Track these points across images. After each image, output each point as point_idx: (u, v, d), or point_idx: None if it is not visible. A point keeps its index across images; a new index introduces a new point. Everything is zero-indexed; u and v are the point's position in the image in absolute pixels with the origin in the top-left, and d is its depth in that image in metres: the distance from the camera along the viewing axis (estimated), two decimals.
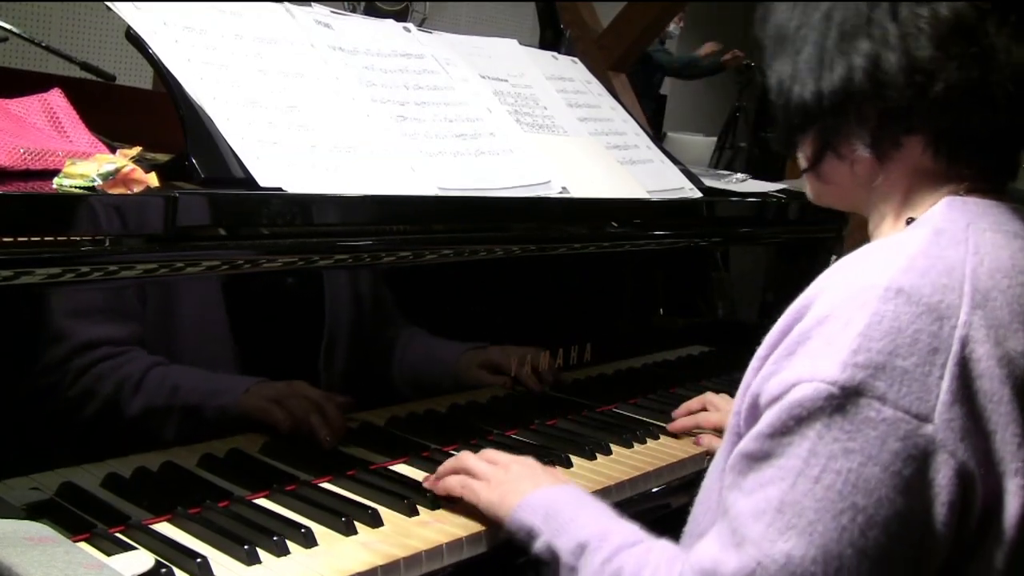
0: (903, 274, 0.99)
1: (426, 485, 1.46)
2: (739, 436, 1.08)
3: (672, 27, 7.82)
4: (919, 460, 0.95)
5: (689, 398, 2.07)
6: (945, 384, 0.96)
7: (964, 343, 0.98)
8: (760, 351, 1.09)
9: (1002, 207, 1.10)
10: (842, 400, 0.96)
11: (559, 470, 1.59)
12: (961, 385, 0.97)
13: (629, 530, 1.20)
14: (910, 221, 1.12)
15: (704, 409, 1.87)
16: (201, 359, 1.33)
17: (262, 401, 1.39)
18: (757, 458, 1.01)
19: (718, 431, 1.79)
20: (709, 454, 1.73)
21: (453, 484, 1.42)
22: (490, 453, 1.46)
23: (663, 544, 1.17)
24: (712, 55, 8.26)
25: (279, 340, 1.42)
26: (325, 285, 1.46)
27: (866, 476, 0.95)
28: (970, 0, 1.03)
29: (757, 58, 1.24)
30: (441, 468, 1.46)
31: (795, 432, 0.98)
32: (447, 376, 1.67)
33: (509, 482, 1.37)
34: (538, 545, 1.26)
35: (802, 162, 1.20)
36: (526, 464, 1.42)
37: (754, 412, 1.05)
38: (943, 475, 0.96)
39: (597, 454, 1.70)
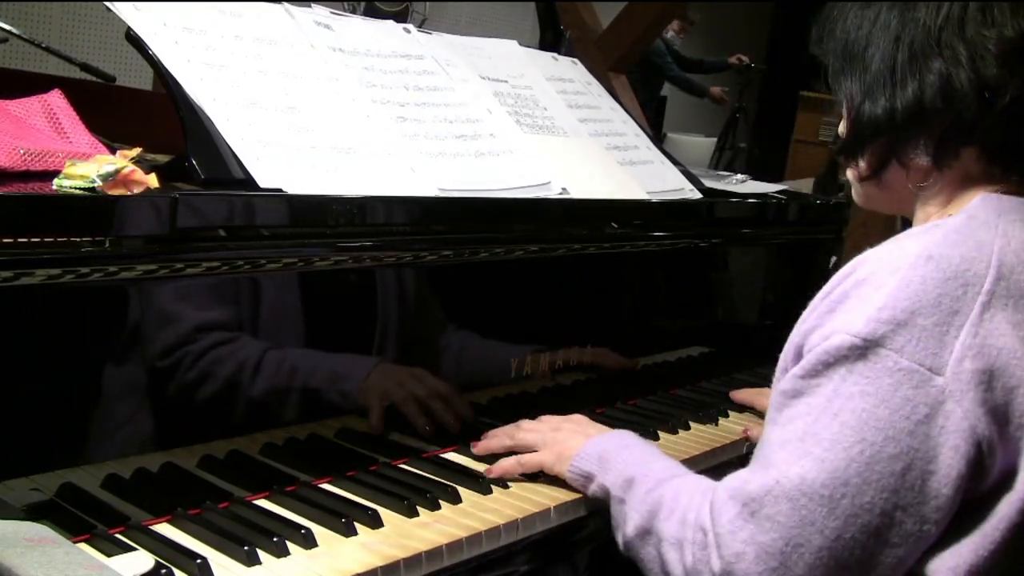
0: (936, 245, 1.13)
1: (489, 475, 1.53)
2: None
3: (671, 35, 7.83)
4: (929, 407, 1.08)
5: (689, 399, 2.08)
6: (959, 342, 1.09)
7: (985, 308, 1.11)
8: (806, 311, 1.22)
9: None
10: (863, 350, 1.10)
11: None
12: (974, 344, 1.09)
13: (670, 465, 1.37)
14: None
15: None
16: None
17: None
18: (790, 395, 1.17)
19: None
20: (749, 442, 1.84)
21: (511, 467, 1.53)
22: (532, 424, 1.59)
23: (698, 478, 1.33)
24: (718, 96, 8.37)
25: (284, 339, 1.42)
26: (328, 285, 1.46)
27: (878, 416, 1.09)
28: None
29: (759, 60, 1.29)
30: (494, 446, 1.58)
31: (823, 374, 1.13)
32: (447, 376, 1.67)
33: (562, 441, 1.51)
34: (593, 487, 1.42)
35: (863, 171, 1.30)
36: (574, 421, 1.58)
37: (797, 359, 1.19)
38: (952, 422, 1.08)
39: None
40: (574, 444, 1.48)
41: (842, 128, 1.32)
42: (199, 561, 1.17)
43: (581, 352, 1.88)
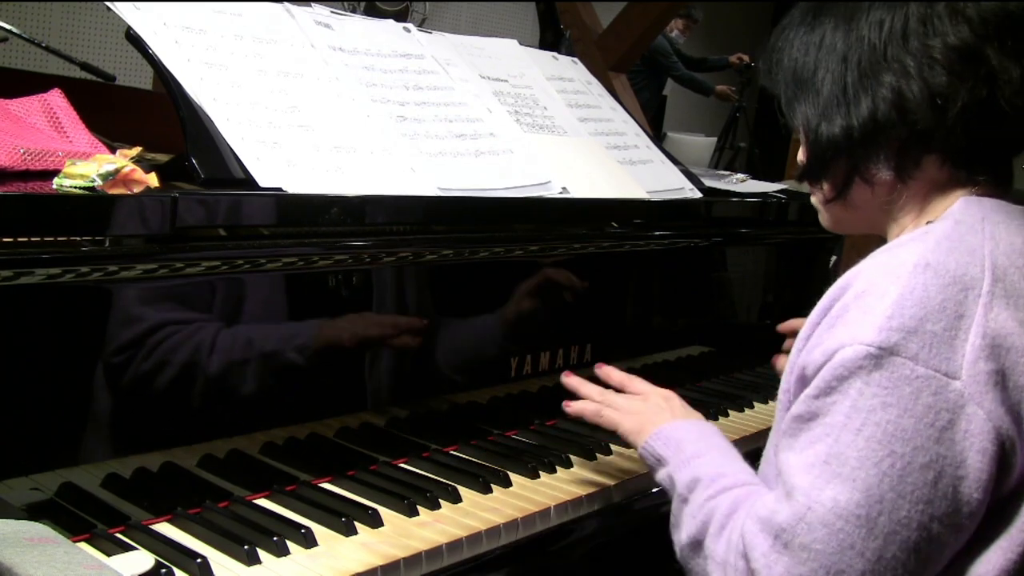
0: (931, 252, 1.13)
1: (568, 409, 1.56)
2: (788, 407, 1.20)
3: (675, 33, 7.83)
4: (951, 412, 1.07)
5: (689, 399, 2.07)
6: (969, 344, 1.09)
7: (987, 308, 1.11)
8: (803, 332, 1.20)
9: (1009, 205, 1.23)
10: (878, 359, 1.08)
11: (561, 471, 1.61)
12: (985, 344, 1.09)
13: (740, 473, 1.31)
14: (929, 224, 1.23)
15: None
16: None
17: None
18: (806, 419, 1.14)
19: None
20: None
21: (590, 410, 1.54)
22: (633, 382, 1.58)
23: (754, 491, 1.26)
24: (725, 93, 8.39)
25: (284, 338, 1.42)
26: (328, 285, 1.46)
27: (903, 426, 1.07)
28: (971, 27, 1.17)
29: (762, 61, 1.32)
30: (584, 389, 1.58)
31: (838, 391, 1.11)
32: (447, 375, 1.67)
33: (647, 412, 1.49)
34: (661, 473, 1.39)
35: (828, 193, 1.31)
36: (665, 396, 1.54)
37: (802, 384, 1.17)
38: (975, 425, 1.07)
39: (597, 454, 1.70)
40: (657, 420, 1.45)
41: (801, 155, 1.33)
42: (199, 560, 1.18)
43: (581, 351, 1.88)
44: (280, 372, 1.41)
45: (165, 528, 1.28)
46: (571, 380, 1.61)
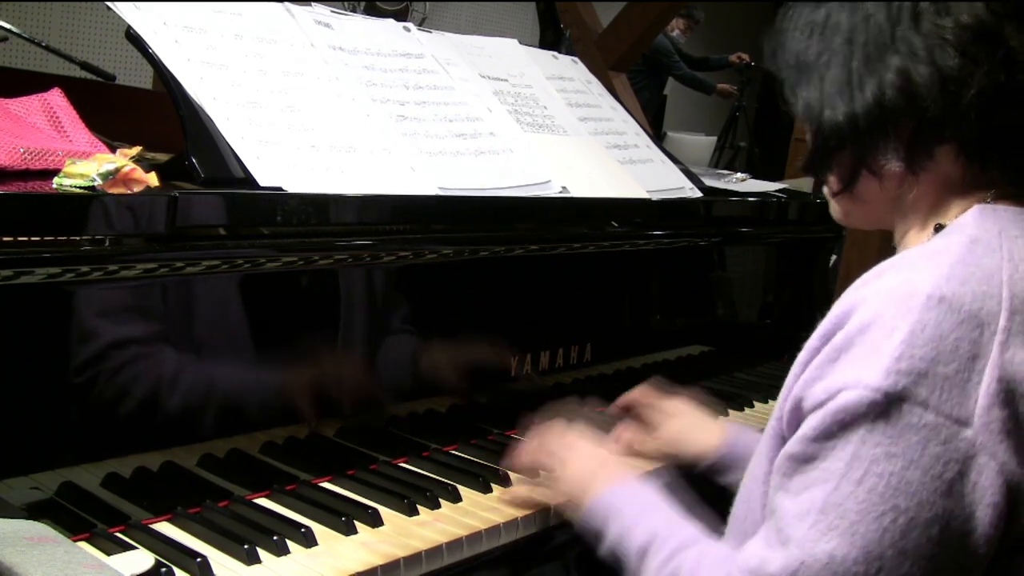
0: (945, 282, 1.02)
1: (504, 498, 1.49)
2: (782, 439, 1.11)
3: (676, 33, 7.83)
4: (960, 463, 0.98)
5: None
6: (983, 388, 0.99)
7: (1003, 348, 1.01)
8: (801, 356, 1.11)
9: None
10: (885, 406, 0.99)
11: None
12: (1000, 388, 0.99)
13: (687, 531, 1.22)
14: (938, 228, 1.14)
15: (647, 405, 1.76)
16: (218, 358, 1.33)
17: None
18: (802, 461, 1.04)
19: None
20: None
21: (523, 498, 1.47)
22: (549, 445, 1.48)
23: (717, 546, 1.19)
24: (726, 91, 8.40)
25: (284, 338, 1.42)
26: (328, 284, 1.46)
27: (908, 479, 0.98)
28: (987, 4, 1.07)
29: (761, 57, 1.25)
30: (517, 464, 1.52)
31: (839, 436, 1.01)
32: (447, 375, 1.67)
33: (574, 481, 1.39)
34: (604, 549, 1.28)
35: (833, 185, 1.21)
36: (583, 458, 1.43)
37: (797, 415, 1.08)
38: (985, 477, 0.99)
39: None
40: (588, 491, 1.35)
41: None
42: (199, 560, 1.17)
43: (581, 351, 1.88)
44: (280, 371, 1.41)
45: (165, 527, 1.28)
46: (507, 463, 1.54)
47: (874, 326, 1.02)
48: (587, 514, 1.33)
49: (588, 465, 1.41)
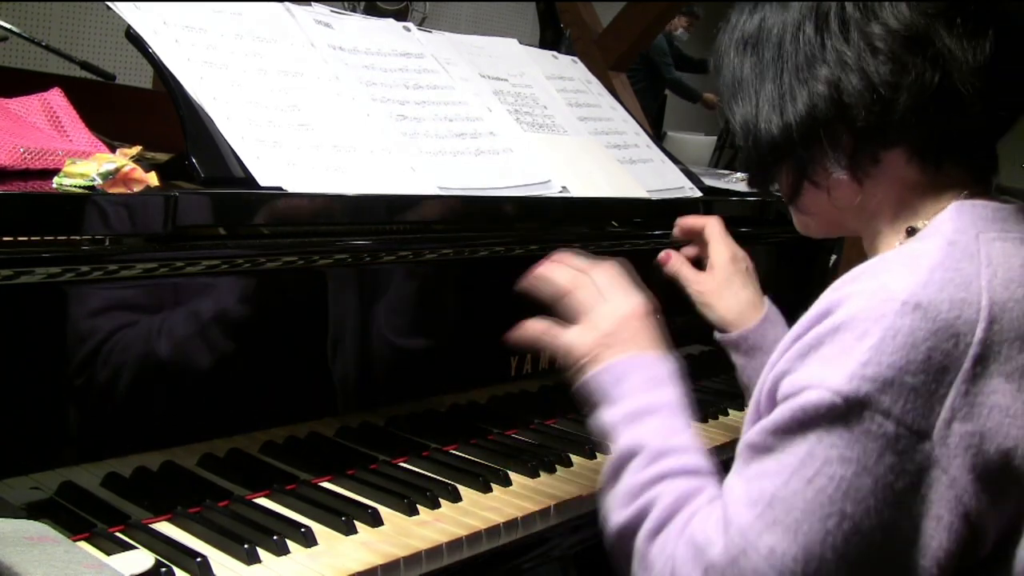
0: (922, 288, 0.99)
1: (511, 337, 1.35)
2: (756, 419, 1.08)
3: (680, 31, 7.83)
4: (913, 475, 0.97)
5: (690, 398, 2.07)
6: (947, 402, 0.97)
7: (976, 360, 0.98)
8: (782, 344, 1.08)
9: (1006, 211, 1.10)
10: (845, 410, 0.97)
11: (562, 470, 1.61)
12: (967, 403, 0.97)
13: (689, 455, 1.14)
14: (911, 231, 1.12)
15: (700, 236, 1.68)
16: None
17: None
18: (760, 450, 1.03)
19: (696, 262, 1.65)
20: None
21: (535, 334, 1.34)
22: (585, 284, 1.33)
23: (704, 491, 1.11)
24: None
25: (284, 338, 1.42)
26: (328, 284, 1.46)
27: (857, 485, 0.96)
28: (916, 6, 1.05)
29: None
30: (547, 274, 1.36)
31: (797, 433, 0.99)
32: (446, 374, 1.67)
33: (589, 332, 1.28)
34: (591, 422, 1.22)
35: (785, 198, 1.21)
36: (614, 306, 1.31)
37: (771, 403, 1.06)
38: (935, 491, 0.97)
39: (597, 453, 1.70)
40: (601, 351, 1.25)
41: None
42: (199, 560, 1.17)
43: None
44: (280, 371, 1.41)
45: (165, 527, 1.28)
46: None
47: (846, 328, 1.00)
48: (589, 377, 1.24)
49: (615, 316, 1.30)
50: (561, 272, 1.35)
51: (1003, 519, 1.00)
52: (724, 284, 1.62)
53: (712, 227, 1.65)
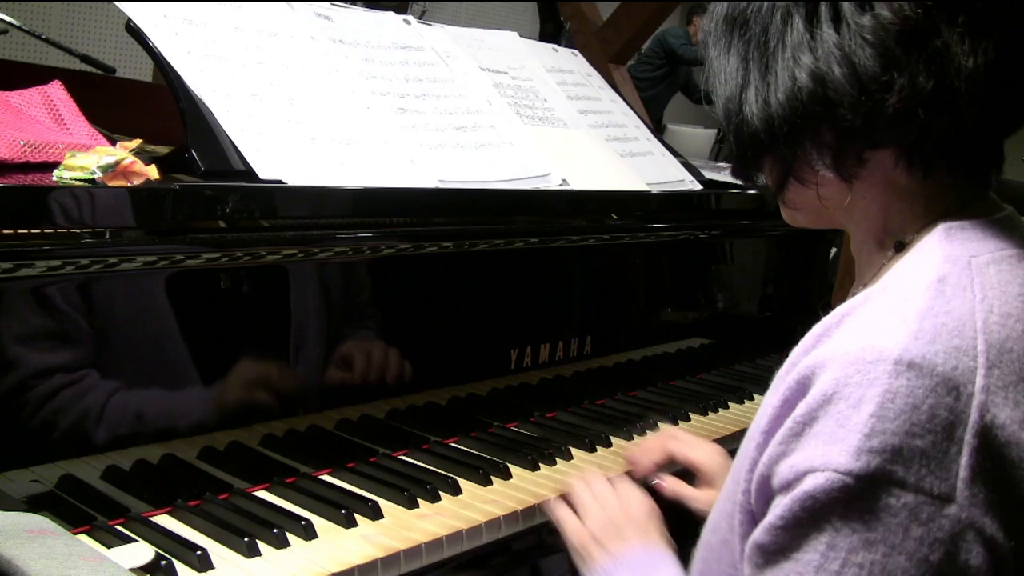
0: (913, 342, 0.90)
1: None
2: (750, 515, 1.01)
3: (702, 35, 7.79)
4: (946, 543, 0.88)
5: (689, 391, 2.08)
6: (964, 460, 0.88)
7: (983, 410, 0.90)
8: (761, 421, 1.00)
9: (998, 224, 1.03)
10: (858, 490, 0.88)
11: (561, 463, 1.61)
12: (982, 457, 0.89)
13: None
14: (900, 245, 1.05)
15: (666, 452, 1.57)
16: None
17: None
18: (773, 552, 0.93)
19: (681, 475, 1.54)
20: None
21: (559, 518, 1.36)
22: (594, 493, 1.37)
23: None
24: None
25: (284, 330, 1.42)
26: (328, 277, 1.46)
27: (891, 568, 0.88)
28: (912, 2, 0.94)
29: None
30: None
31: (810, 524, 0.90)
32: (447, 367, 1.67)
33: (600, 525, 1.31)
34: None
35: (770, 188, 1.14)
36: (628, 515, 1.32)
37: (765, 492, 0.97)
38: (975, 554, 0.89)
39: (597, 446, 1.70)
40: (606, 551, 1.27)
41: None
42: (199, 552, 1.18)
43: (581, 343, 1.88)
44: (280, 363, 1.41)
45: (165, 520, 1.28)
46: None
47: (838, 397, 0.90)
48: (601, 565, 1.25)
49: (624, 513, 1.31)
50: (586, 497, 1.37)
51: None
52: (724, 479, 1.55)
53: (673, 444, 1.54)
